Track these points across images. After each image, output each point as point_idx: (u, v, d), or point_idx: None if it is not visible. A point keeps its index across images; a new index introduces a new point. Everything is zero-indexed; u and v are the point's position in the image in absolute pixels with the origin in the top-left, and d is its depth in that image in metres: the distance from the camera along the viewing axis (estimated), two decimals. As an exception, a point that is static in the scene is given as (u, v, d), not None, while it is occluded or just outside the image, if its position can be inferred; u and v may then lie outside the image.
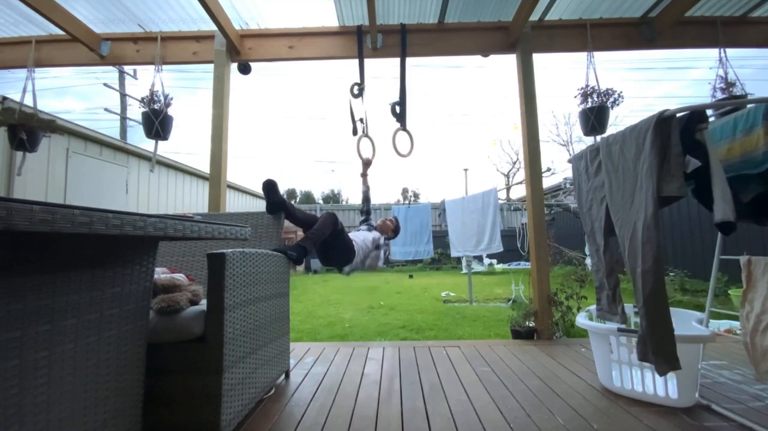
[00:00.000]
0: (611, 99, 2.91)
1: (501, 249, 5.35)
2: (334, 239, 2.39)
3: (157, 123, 2.91)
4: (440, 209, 6.83)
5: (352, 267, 2.66)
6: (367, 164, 3.10)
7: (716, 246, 1.78)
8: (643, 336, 1.49)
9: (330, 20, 3.25)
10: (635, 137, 1.59)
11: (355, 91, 3.04)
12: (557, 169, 17.48)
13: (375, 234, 2.84)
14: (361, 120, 3.06)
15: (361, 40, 3.21)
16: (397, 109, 3.05)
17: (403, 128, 3.08)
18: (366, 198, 3.12)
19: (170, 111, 3.00)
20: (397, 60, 3.21)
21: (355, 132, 3.08)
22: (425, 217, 6.81)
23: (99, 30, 3.32)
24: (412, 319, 4.45)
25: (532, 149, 3.09)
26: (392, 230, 3.03)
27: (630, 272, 1.58)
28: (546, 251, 3.10)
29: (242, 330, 1.49)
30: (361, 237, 2.73)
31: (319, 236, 2.23)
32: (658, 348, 1.44)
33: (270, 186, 2.24)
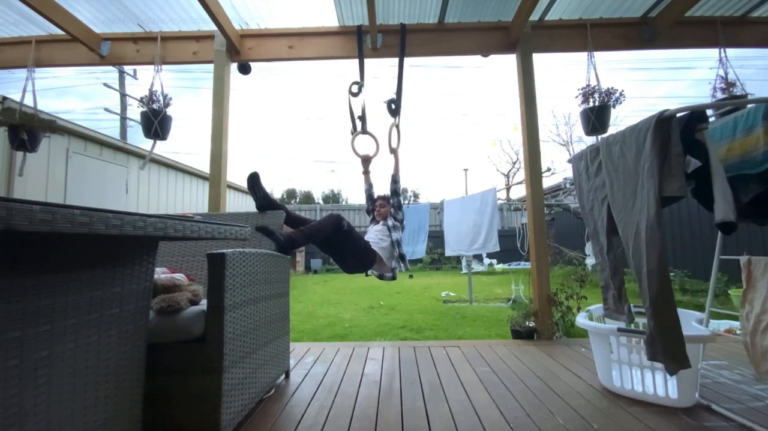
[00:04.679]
0: (613, 98, 2.91)
1: (497, 249, 5.35)
2: (342, 240, 2.30)
3: (156, 123, 2.91)
4: (440, 209, 6.84)
5: (389, 267, 2.61)
6: (366, 161, 3.01)
7: (716, 246, 1.78)
8: (651, 336, 1.48)
9: (330, 20, 3.25)
10: (635, 137, 1.59)
11: (354, 90, 3.03)
12: (557, 169, 17.47)
13: (379, 226, 2.75)
14: (360, 118, 3.04)
15: (361, 40, 3.20)
16: (393, 106, 3.03)
17: (397, 124, 3.05)
18: (369, 196, 3.01)
19: (170, 111, 3.00)
20: (397, 60, 3.20)
21: (355, 130, 3.05)
22: (423, 217, 6.81)
23: (99, 30, 3.32)
24: (412, 319, 4.45)
25: (532, 149, 3.09)
26: (387, 206, 2.85)
27: (635, 272, 1.58)
28: (546, 251, 3.10)
29: (242, 329, 1.49)
30: (373, 236, 2.66)
31: (314, 233, 2.15)
32: (667, 348, 1.43)
33: (253, 180, 2.24)
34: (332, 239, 2.26)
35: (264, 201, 2.25)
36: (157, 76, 3.06)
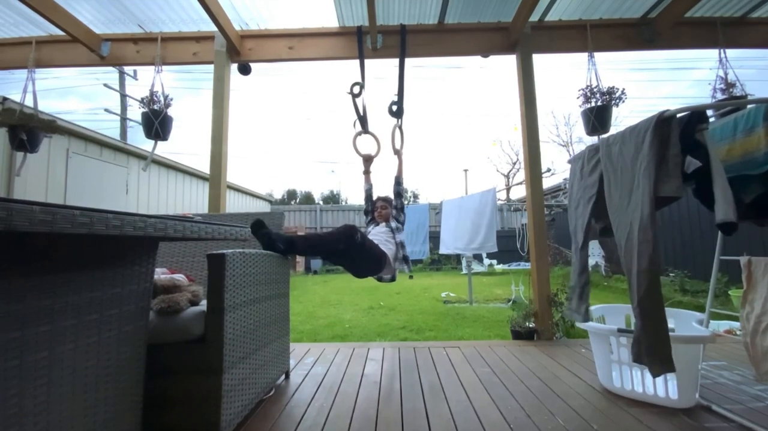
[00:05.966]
0: (614, 97, 2.90)
1: (495, 249, 5.33)
2: (356, 252, 2.16)
3: (157, 123, 2.91)
4: (438, 209, 6.84)
5: (393, 269, 2.55)
6: (368, 160, 2.99)
7: (716, 247, 1.78)
8: (638, 337, 1.48)
9: (330, 21, 3.25)
10: (634, 137, 1.60)
11: (356, 91, 3.03)
12: (557, 169, 17.53)
13: (382, 227, 2.71)
14: (361, 118, 3.04)
15: (361, 40, 3.21)
16: (394, 108, 3.04)
17: (400, 125, 3.06)
18: (368, 197, 2.97)
19: (171, 112, 3.00)
20: (398, 61, 3.20)
21: (363, 126, 3.03)
22: (422, 217, 6.81)
23: (99, 30, 3.32)
24: (412, 320, 4.45)
25: (532, 150, 3.09)
26: (388, 208, 2.81)
27: (626, 272, 1.58)
28: (546, 251, 3.10)
29: (242, 330, 1.49)
30: (377, 238, 2.59)
31: (321, 245, 2.04)
32: (652, 349, 1.44)
33: (258, 225, 1.88)
34: (343, 251, 2.11)
35: (269, 240, 1.91)
36: (157, 77, 3.06)
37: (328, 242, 2.05)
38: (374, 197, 2.95)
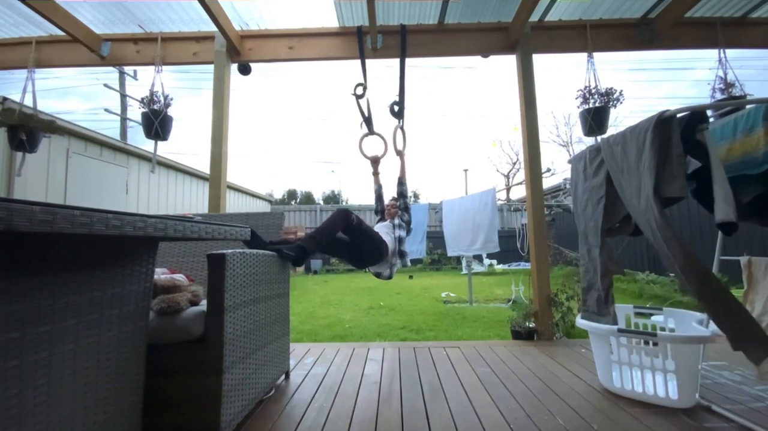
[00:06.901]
0: (612, 98, 2.90)
1: (497, 249, 5.32)
2: (354, 236, 2.26)
3: (157, 123, 2.91)
4: (438, 209, 6.84)
5: (391, 264, 2.59)
6: (375, 161, 3.06)
7: (716, 247, 1.78)
8: (723, 331, 1.37)
9: (330, 21, 3.25)
10: (635, 138, 1.60)
11: (359, 92, 3.04)
12: (557, 169, 17.55)
13: (386, 223, 2.80)
14: (366, 119, 3.05)
15: (362, 40, 3.21)
16: (396, 108, 3.05)
17: (401, 126, 3.08)
18: (379, 197, 3.06)
19: (171, 112, 3.00)
20: (398, 61, 3.21)
21: (368, 127, 3.06)
22: (421, 217, 6.81)
23: (99, 31, 3.32)
24: (412, 320, 4.44)
25: (532, 150, 3.09)
26: (397, 209, 2.90)
27: (672, 271, 1.54)
28: (546, 251, 3.10)
29: (242, 330, 1.49)
30: (381, 231, 2.68)
31: (324, 235, 2.05)
32: (742, 335, 1.31)
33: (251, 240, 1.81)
34: (344, 234, 2.20)
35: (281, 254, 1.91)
36: (157, 77, 3.06)
37: (329, 229, 2.11)
38: (385, 197, 3.01)
